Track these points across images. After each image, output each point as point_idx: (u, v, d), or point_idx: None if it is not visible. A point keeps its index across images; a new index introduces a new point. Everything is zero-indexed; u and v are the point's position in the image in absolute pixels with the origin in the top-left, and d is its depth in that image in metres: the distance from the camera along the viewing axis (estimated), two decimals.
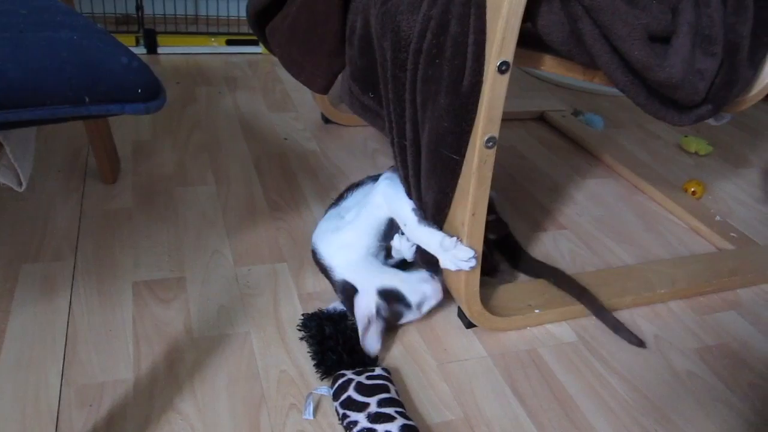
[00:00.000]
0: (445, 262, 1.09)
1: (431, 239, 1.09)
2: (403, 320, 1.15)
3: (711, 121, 1.28)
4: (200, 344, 1.09)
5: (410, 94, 1.00)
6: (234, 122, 1.91)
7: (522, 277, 1.34)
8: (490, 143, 0.94)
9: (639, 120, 2.23)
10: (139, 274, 1.24)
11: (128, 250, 1.30)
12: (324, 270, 1.21)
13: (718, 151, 2.06)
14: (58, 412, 0.95)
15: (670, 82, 0.97)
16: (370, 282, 1.13)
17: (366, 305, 1.10)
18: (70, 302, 1.15)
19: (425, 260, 1.14)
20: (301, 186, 1.60)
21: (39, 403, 0.96)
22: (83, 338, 1.08)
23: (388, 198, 1.16)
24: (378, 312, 1.10)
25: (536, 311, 1.20)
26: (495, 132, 0.93)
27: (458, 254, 1.06)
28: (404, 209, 1.13)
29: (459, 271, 1.07)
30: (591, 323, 1.23)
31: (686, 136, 2.06)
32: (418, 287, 1.14)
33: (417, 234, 1.12)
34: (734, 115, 2.35)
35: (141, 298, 1.18)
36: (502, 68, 0.88)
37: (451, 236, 1.06)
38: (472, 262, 1.06)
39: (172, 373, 1.03)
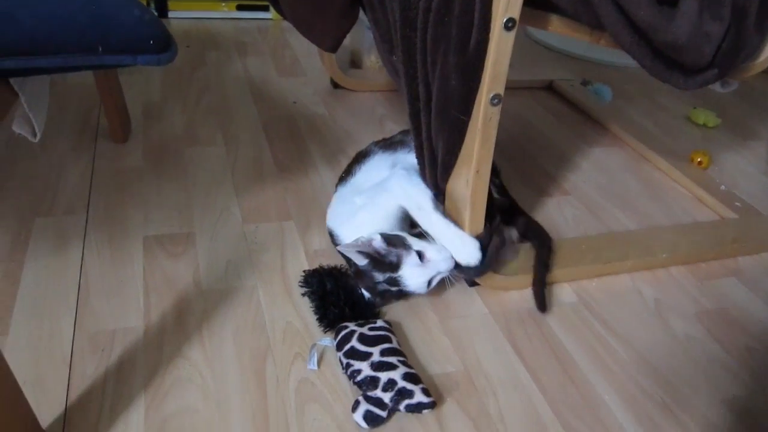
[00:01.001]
0: (458, 258, 1.12)
1: (446, 231, 1.11)
2: (404, 272, 1.08)
3: (718, 88, 1.28)
4: (208, 296, 1.12)
5: (421, 54, 1.01)
6: (243, 86, 1.93)
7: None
8: (495, 101, 0.95)
9: (648, 92, 2.23)
10: (149, 229, 1.26)
11: (139, 207, 1.33)
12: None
13: (727, 124, 2.06)
14: (71, 357, 0.98)
15: (675, 44, 0.98)
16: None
17: (363, 238, 1.10)
18: (83, 254, 1.18)
19: None
20: (309, 148, 1.62)
21: (53, 349, 0.99)
22: (95, 288, 1.11)
23: (404, 186, 1.15)
24: (371, 242, 1.09)
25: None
26: (500, 90, 0.95)
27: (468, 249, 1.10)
28: (422, 195, 1.13)
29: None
30: (592, 285, 1.25)
31: (695, 108, 2.06)
32: (425, 242, 1.11)
33: (431, 220, 1.12)
34: (740, 84, 2.34)
35: (151, 252, 1.20)
36: (509, 25, 0.89)
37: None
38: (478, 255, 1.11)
39: (181, 322, 1.06)
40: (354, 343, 0.99)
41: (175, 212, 1.32)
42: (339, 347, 1.01)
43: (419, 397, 0.93)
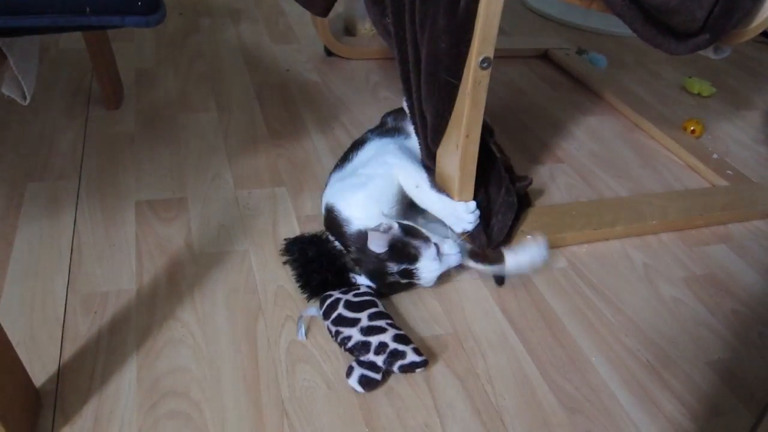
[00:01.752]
0: (454, 226, 1.15)
1: (444, 206, 1.14)
2: (421, 265, 1.06)
3: (710, 54, 1.28)
4: (201, 260, 1.13)
5: (410, 15, 1.01)
6: (236, 53, 1.92)
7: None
8: (485, 64, 0.95)
9: (643, 61, 2.22)
10: (141, 194, 1.27)
11: (131, 172, 1.33)
12: (339, 226, 1.13)
13: (721, 93, 2.05)
14: (64, 318, 0.99)
15: (666, 6, 0.98)
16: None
17: (384, 225, 1.08)
18: (75, 218, 1.19)
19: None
20: (302, 115, 1.62)
21: (46, 310, 1.00)
22: (88, 252, 1.12)
23: (399, 161, 1.16)
24: (391, 228, 1.06)
25: (528, 237, 1.22)
26: (489, 53, 0.94)
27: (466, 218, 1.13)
28: (417, 172, 1.15)
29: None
30: (582, 250, 1.27)
31: (690, 77, 2.06)
32: (437, 236, 1.11)
33: (428, 198, 1.14)
34: (736, 52, 2.34)
35: (143, 216, 1.21)
36: None
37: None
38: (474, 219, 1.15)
39: (173, 285, 1.07)
40: (341, 310, 1.00)
41: (167, 177, 1.32)
42: (326, 316, 1.01)
43: (411, 356, 0.94)
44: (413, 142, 1.22)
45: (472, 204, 1.13)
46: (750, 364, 1.06)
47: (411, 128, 1.23)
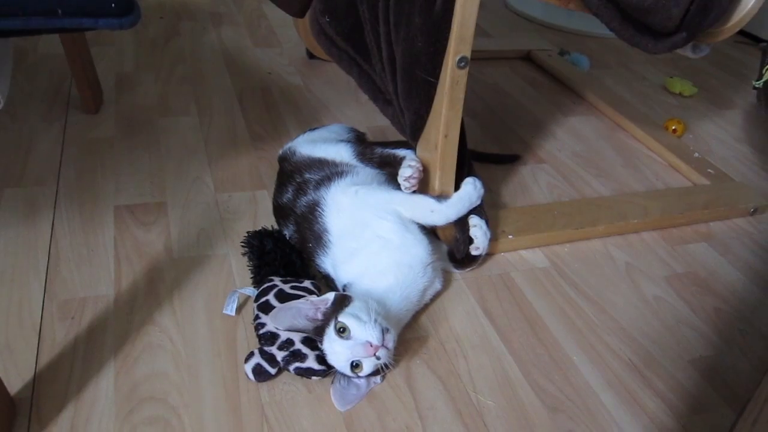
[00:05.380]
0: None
1: (464, 204, 1.11)
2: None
3: (689, 53, 1.29)
4: (180, 264, 1.12)
5: (384, 13, 1.00)
6: (218, 57, 1.91)
7: (496, 205, 1.36)
8: (462, 63, 0.95)
9: (625, 61, 2.23)
10: (120, 199, 1.26)
11: (110, 177, 1.32)
12: None
13: (703, 93, 2.07)
14: (40, 324, 0.98)
15: (643, 5, 0.98)
16: None
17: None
18: (53, 224, 1.18)
19: None
20: (283, 118, 1.61)
21: (22, 316, 0.99)
22: (65, 257, 1.11)
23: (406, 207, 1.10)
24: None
25: (510, 237, 1.22)
26: (467, 52, 0.94)
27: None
28: (420, 200, 1.10)
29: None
30: (564, 250, 1.26)
31: (671, 77, 2.07)
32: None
33: (449, 210, 1.10)
34: (718, 53, 2.35)
35: (122, 221, 1.20)
36: None
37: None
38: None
39: (152, 290, 1.06)
40: (269, 297, 0.99)
41: (146, 182, 1.31)
42: (256, 299, 1.00)
43: (311, 362, 0.92)
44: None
45: (478, 182, 1.11)
46: (731, 361, 1.06)
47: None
